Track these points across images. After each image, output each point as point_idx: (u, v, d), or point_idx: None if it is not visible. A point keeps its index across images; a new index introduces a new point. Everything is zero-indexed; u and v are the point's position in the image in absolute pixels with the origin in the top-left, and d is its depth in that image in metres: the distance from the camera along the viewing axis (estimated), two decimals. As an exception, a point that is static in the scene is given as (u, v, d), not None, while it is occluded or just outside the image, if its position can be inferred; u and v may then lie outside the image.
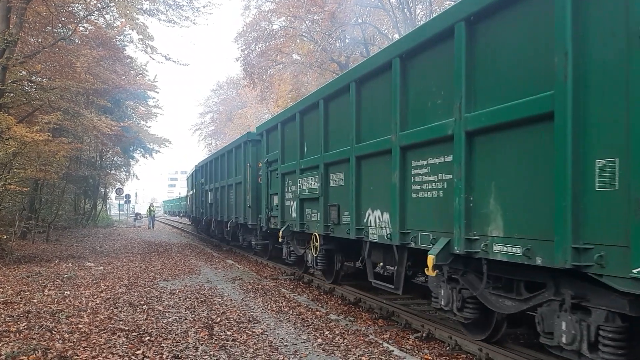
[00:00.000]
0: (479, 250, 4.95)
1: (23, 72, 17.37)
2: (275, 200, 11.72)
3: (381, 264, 8.57)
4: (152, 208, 41.27)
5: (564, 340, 4.37)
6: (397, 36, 21.73)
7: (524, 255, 4.40)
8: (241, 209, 15.71)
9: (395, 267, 7.11)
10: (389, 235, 6.56)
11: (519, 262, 4.51)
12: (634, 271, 3.51)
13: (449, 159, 5.34)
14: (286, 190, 10.93)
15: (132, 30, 21.46)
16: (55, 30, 18.90)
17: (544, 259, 4.22)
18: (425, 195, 5.86)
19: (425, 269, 5.54)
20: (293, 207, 10.40)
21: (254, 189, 14.51)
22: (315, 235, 9.41)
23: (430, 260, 5.33)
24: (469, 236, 5.06)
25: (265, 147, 12.65)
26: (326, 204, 8.71)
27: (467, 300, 5.68)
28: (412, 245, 6.15)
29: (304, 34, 26.89)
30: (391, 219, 6.51)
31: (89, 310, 7.92)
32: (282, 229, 10.80)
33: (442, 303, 6.01)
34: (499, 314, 5.60)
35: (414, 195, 6.08)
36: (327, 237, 9.11)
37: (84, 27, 19.98)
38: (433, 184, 5.71)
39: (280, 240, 11.24)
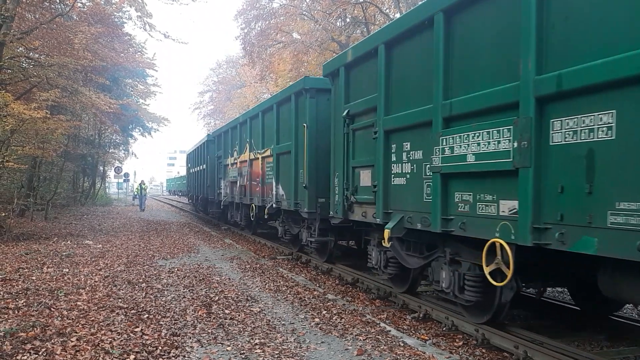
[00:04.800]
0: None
1: (20, 48, 17.17)
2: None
3: None
4: (143, 185, 34.51)
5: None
6: (398, 15, 21.50)
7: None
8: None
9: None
10: None
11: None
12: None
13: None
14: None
15: (131, 7, 21.27)
16: (52, 6, 18.63)
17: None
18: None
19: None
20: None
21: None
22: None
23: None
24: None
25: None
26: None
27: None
28: None
29: (304, 12, 26.61)
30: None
31: (87, 288, 7.95)
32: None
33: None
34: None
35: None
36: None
37: (81, 3, 19.73)
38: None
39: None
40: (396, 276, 7.54)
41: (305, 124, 9.88)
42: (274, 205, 11.72)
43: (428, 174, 5.80)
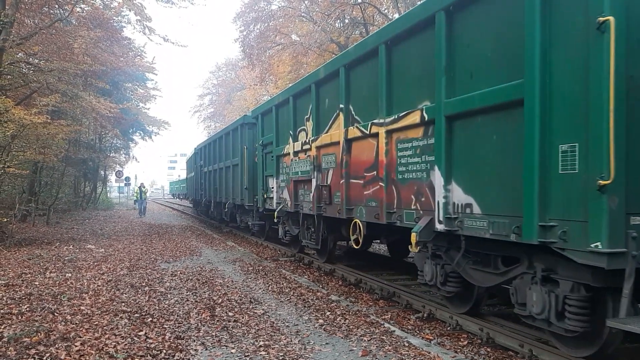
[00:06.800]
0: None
1: (20, 53, 17.21)
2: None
3: None
4: (143, 189, 31.31)
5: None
6: (397, 15, 21.48)
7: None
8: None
9: None
10: None
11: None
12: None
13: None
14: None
15: (130, 10, 21.32)
16: (51, 11, 18.69)
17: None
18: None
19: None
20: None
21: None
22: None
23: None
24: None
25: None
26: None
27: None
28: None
29: (302, 14, 26.61)
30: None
31: (90, 292, 7.95)
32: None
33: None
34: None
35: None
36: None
37: (80, 7, 19.72)
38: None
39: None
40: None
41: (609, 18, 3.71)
42: (439, 227, 5.65)
43: None
